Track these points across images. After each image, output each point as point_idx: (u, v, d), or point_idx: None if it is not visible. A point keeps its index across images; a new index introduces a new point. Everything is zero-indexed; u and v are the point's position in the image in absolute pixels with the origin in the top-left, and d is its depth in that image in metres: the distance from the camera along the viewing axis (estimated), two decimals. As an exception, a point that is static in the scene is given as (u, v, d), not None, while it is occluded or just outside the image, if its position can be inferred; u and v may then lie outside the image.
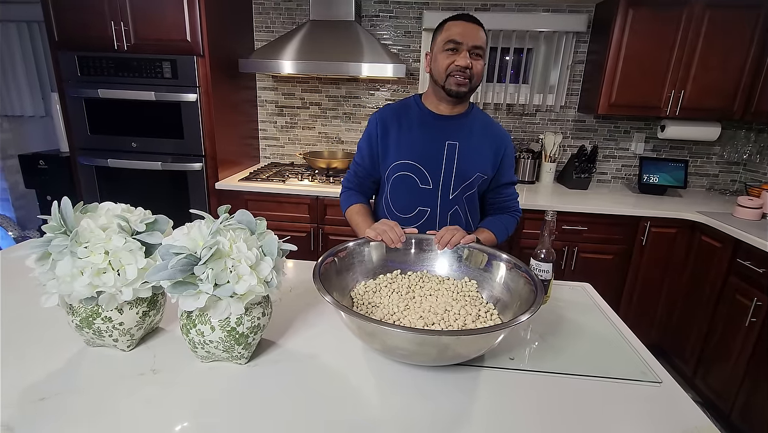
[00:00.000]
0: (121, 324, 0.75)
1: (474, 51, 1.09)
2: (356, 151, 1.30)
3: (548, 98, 2.47)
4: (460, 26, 1.09)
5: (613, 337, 0.93)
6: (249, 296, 0.69)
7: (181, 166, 2.19)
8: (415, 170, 1.20)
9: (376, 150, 1.23)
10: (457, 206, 1.23)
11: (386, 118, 1.22)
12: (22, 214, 3.20)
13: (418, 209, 1.23)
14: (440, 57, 1.12)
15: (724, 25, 2.02)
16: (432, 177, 1.20)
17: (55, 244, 0.68)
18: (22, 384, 0.69)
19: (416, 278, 0.99)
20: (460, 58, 1.09)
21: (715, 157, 2.52)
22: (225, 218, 0.72)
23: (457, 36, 1.08)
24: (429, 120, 1.20)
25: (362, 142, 1.27)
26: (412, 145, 1.19)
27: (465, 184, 1.21)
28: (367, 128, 1.26)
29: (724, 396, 1.77)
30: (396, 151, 1.20)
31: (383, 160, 1.23)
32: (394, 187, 1.24)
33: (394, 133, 1.21)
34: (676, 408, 0.72)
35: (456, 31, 1.09)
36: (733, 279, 1.78)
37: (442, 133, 1.19)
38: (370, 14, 2.48)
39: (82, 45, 2.08)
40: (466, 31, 1.08)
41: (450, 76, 1.11)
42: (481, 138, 1.21)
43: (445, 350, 0.71)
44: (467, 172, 1.20)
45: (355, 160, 1.31)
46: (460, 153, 1.19)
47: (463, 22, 1.09)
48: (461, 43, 1.08)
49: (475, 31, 1.09)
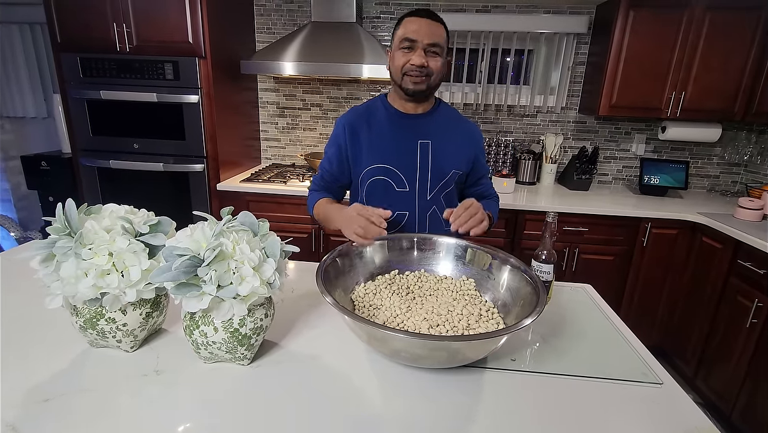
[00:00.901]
0: (124, 325, 0.75)
1: (430, 49, 1.05)
2: (323, 155, 1.24)
3: (549, 99, 2.48)
4: (416, 23, 1.05)
5: (614, 338, 0.93)
6: (252, 298, 0.69)
7: (183, 168, 2.20)
8: (390, 174, 1.16)
9: (345, 155, 1.18)
10: (435, 206, 1.20)
11: (353, 122, 1.17)
12: (24, 215, 3.20)
13: (396, 213, 1.18)
14: (396, 55, 1.09)
15: (724, 27, 2.03)
16: (408, 179, 1.17)
17: (59, 245, 0.68)
18: (26, 385, 0.70)
19: (414, 277, 0.99)
20: (415, 57, 1.05)
21: (715, 159, 2.52)
22: (228, 219, 0.72)
23: (412, 33, 1.04)
24: (397, 120, 1.17)
25: (329, 147, 1.21)
26: (384, 147, 1.15)
27: (442, 183, 1.18)
28: (333, 133, 1.21)
29: (725, 397, 1.77)
30: (368, 155, 1.16)
31: (355, 165, 1.19)
32: (370, 193, 1.19)
33: (364, 136, 1.16)
34: (677, 409, 0.72)
35: (411, 29, 1.05)
36: (734, 280, 1.78)
37: (413, 133, 1.16)
38: (371, 15, 2.48)
39: (84, 47, 2.09)
40: (421, 29, 1.04)
41: (406, 75, 1.08)
42: (452, 134, 1.19)
43: (455, 354, 0.72)
44: (443, 170, 1.17)
45: (322, 165, 1.25)
46: (434, 151, 1.16)
47: (418, 18, 1.05)
48: (416, 41, 1.04)
49: (431, 28, 1.04)
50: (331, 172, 1.23)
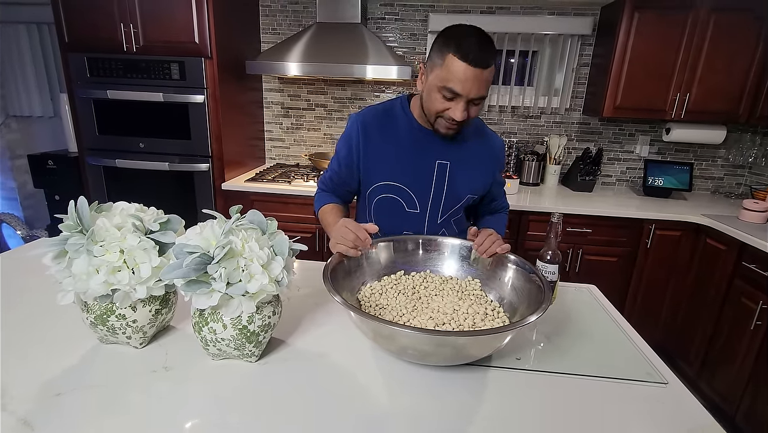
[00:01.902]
0: (134, 322, 0.76)
1: (474, 101, 0.93)
2: (334, 153, 1.16)
3: (553, 101, 2.48)
4: (464, 72, 0.87)
5: (619, 338, 0.94)
6: (260, 295, 0.70)
7: (188, 167, 2.21)
8: (402, 193, 1.09)
9: (356, 160, 1.09)
10: (444, 229, 1.16)
11: (368, 124, 1.07)
12: (30, 214, 3.23)
13: (403, 233, 1.13)
14: (434, 96, 0.94)
15: (729, 29, 2.03)
16: (420, 201, 1.10)
17: (71, 242, 0.69)
18: (38, 380, 0.71)
19: (420, 278, 1.00)
20: (456, 111, 0.92)
21: (720, 161, 2.51)
22: (237, 217, 0.73)
23: (459, 86, 0.89)
24: (418, 136, 1.07)
25: (341, 146, 1.12)
26: (399, 164, 1.07)
27: (455, 208, 1.13)
28: (346, 130, 1.11)
29: (729, 399, 1.77)
30: (380, 169, 1.08)
31: (365, 176, 1.11)
32: (378, 209, 1.14)
33: (378, 145, 1.07)
34: (682, 409, 0.72)
35: (459, 78, 0.88)
36: (739, 282, 1.78)
37: (433, 151, 1.07)
38: (375, 16, 2.49)
39: (91, 46, 2.11)
40: (470, 82, 0.88)
41: (440, 119, 0.97)
42: (475, 154, 1.11)
43: (461, 350, 0.72)
44: (458, 195, 1.11)
45: (331, 164, 1.17)
46: (451, 174, 1.09)
47: (469, 67, 0.87)
48: (461, 95, 0.90)
49: (479, 80, 0.88)
50: (339, 174, 1.15)
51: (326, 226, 1.13)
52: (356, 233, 0.92)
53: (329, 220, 1.12)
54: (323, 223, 1.15)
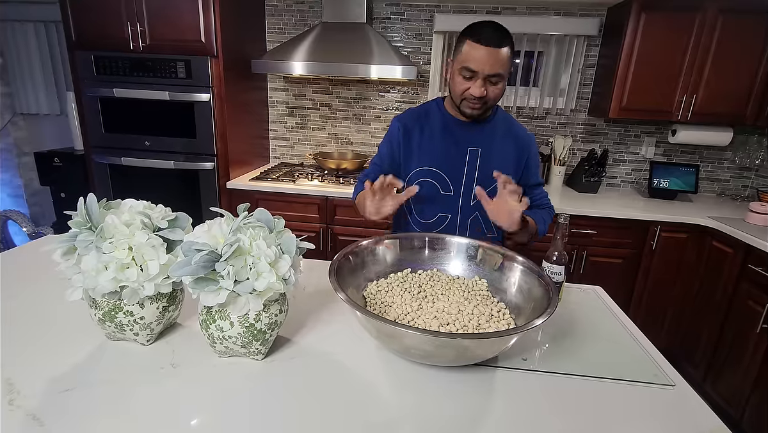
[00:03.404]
0: (142, 318, 0.76)
1: (490, 78, 1.04)
2: (376, 153, 1.30)
3: (558, 101, 2.47)
4: (478, 51, 1.01)
5: (625, 339, 0.93)
6: (268, 293, 0.70)
7: (193, 165, 2.22)
8: (437, 177, 1.20)
9: (398, 154, 1.23)
10: (478, 212, 1.22)
11: (408, 123, 1.21)
12: (36, 211, 3.25)
13: (439, 215, 1.23)
14: (456, 79, 1.08)
15: (737, 31, 2.01)
16: (453, 184, 1.20)
17: (80, 239, 0.70)
18: (46, 376, 0.71)
19: (427, 277, 1.00)
20: (474, 87, 1.05)
21: (726, 163, 2.50)
22: (245, 216, 0.73)
23: (474, 63, 1.02)
24: (451, 126, 1.19)
25: (382, 146, 1.26)
26: (434, 151, 1.19)
27: (487, 191, 1.16)
28: (388, 131, 1.26)
29: (734, 403, 1.76)
30: (418, 157, 1.20)
31: (405, 165, 1.23)
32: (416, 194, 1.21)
33: (416, 139, 1.20)
34: (690, 411, 0.72)
35: (474, 57, 1.02)
36: (745, 285, 1.77)
37: (464, 140, 1.19)
38: (381, 16, 2.49)
39: (98, 45, 2.12)
40: (483, 58, 1.01)
41: (464, 100, 1.09)
42: (504, 142, 1.20)
43: (464, 352, 0.72)
44: (490, 179, 1.16)
45: (373, 161, 1.30)
46: (482, 159, 1.19)
47: (481, 46, 1.00)
48: (477, 72, 1.03)
49: (494, 58, 1.01)
50: (381, 168, 1.25)
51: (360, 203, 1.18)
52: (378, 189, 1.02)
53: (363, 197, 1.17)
54: (359, 207, 1.20)
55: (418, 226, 1.26)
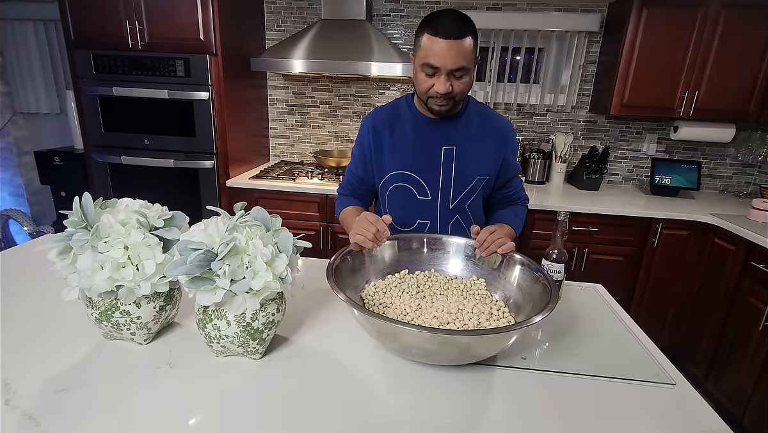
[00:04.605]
0: (138, 318, 0.76)
1: (454, 73, 0.97)
2: (350, 158, 1.24)
3: (559, 98, 2.46)
4: (438, 45, 0.93)
5: (626, 338, 0.93)
6: (264, 292, 0.70)
7: (193, 164, 2.21)
8: (412, 181, 1.13)
9: (369, 156, 1.16)
10: (458, 215, 1.17)
11: (377, 124, 1.14)
12: (36, 210, 3.25)
13: (418, 222, 1.17)
14: (419, 76, 1.01)
15: (739, 26, 2.00)
16: (430, 187, 1.14)
17: (76, 238, 0.69)
18: (42, 375, 0.71)
19: (424, 277, 0.99)
20: (439, 84, 0.97)
21: (728, 159, 2.48)
22: (241, 214, 0.73)
23: (434, 59, 0.95)
24: (422, 125, 1.12)
25: (355, 148, 1.21)
26: (406, 154, 1.12)
27: (466, 191, 1.14)
28: (358, 133, 1.19)
29: (736, 401, 1.75)
30: (390, 160, 1.14)
31: (378, 170, 1.17)
32: (391, 200, 1.18)
33: (387, 140, 1.13)
34: (690, 410, 0.71)
35: (433, 52, 0.94)
36: (747, 282, 1.76)
37: (437, 138, 1.11)
38: (380, 13, 2.48)
39: (97, 44, 2.11)
40: (444, 53, 0.93)
41: (430, 98, 1.02)
42: (480, 136, 1.12)
43: (467, 350, 0.71)
44: (467, 177, 1.13)
45: (348, 168, 1.25)
46: (458, 158, 1.12)
47: (440, 40, 0.93)
48: (439, 68, 0.96)
49: (455, 51, 0.93)
50: (357, 175, 1.21)
51: (347, 226, 1.16)
52: (375, 224, 0.94)
53: (349, 221, 1.15)
54: (344, 224, 1.19)
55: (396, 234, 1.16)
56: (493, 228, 0.98)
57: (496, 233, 0.97)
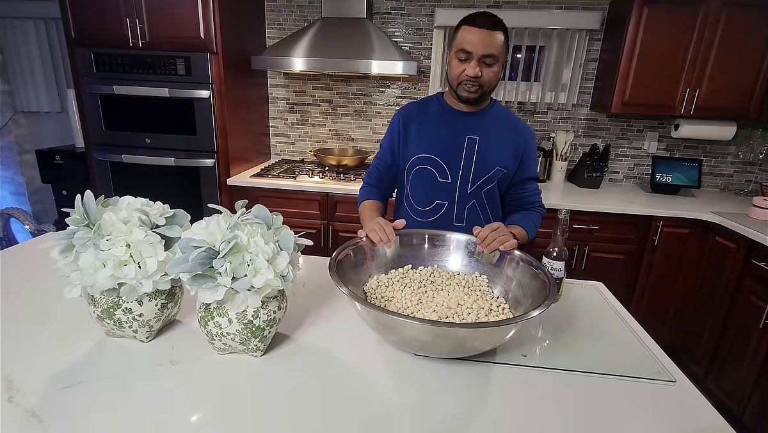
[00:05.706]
0: (140, 315, 0.76)
1: (485, 60, 1.07)
2: (379, 148, 1.32)
3: (560, 96, 2.46)
4: (472, 33, 1.06)
5: (626, 336, 0.93)
6: (266, 290, 0.70)
7: (194, 162, 2.22)
8: (434, 164, 1.21)
9: (397, 144, 1.25)
10: (475, 200, 1.23)
11: (408, 114, 1.25)
12: (38, 209, 3.26)
13: (436, 203, 1.24)
14: (453, 63, 1.12)
15: (741, 25, 1.99)
16: (451, 171, 1.21)
17: (78, 236, 0.70)
18: (45, 373, 0.71)
19: (427, 272, 1.00)
20: (469, 68, 1.08)
21: (729, 157, 2.48)
22: (242, 212, 0.73)
23: (468, 45, 1.06)
24: (449, 116, 1.21)
25: (385, 140, 1.30)
26: (432, 139, 1.21)
27: (484, 179, 1.21)
28: (389, 126, 1.29)
29: (737, 398, 1.75)
30: (416, 144, 1.22)
31: (403, 153, 1.25)
32: (414, 181, 1.25)
33: (415, 128, 1.23)
34: (691, 408, 0.72)
35: (467, 39, 1.07)
36: (747, 280, 1.76)
37: (463, 128, 1.20)
38: (381, 11, 2.48)
39: (98, 42, 2.11)
40: (477, 39, 1.05)
41: (461, 84, 1.11)
42: (501, 132, 1.21)
43: (462, 343, 0.72)
44: (487, 167, 1.20)
45: (377, 156, 1.33)
46: (480, 147, 1.19)
47: (475, 29, 1.06)
48: (471, 53, 1.06)
49: (487, 39, 1.05)
50: (385, 161, 1.30)
51: (363, 219, 1.23)
52: (385, 229, 1.02)
53: (366, 215, 1.23)
54: (361, 215, 1.26)
55: (414, 213, 1.27)
56: (496, 225, 1.00)
57: (498, 230, 0.99)
